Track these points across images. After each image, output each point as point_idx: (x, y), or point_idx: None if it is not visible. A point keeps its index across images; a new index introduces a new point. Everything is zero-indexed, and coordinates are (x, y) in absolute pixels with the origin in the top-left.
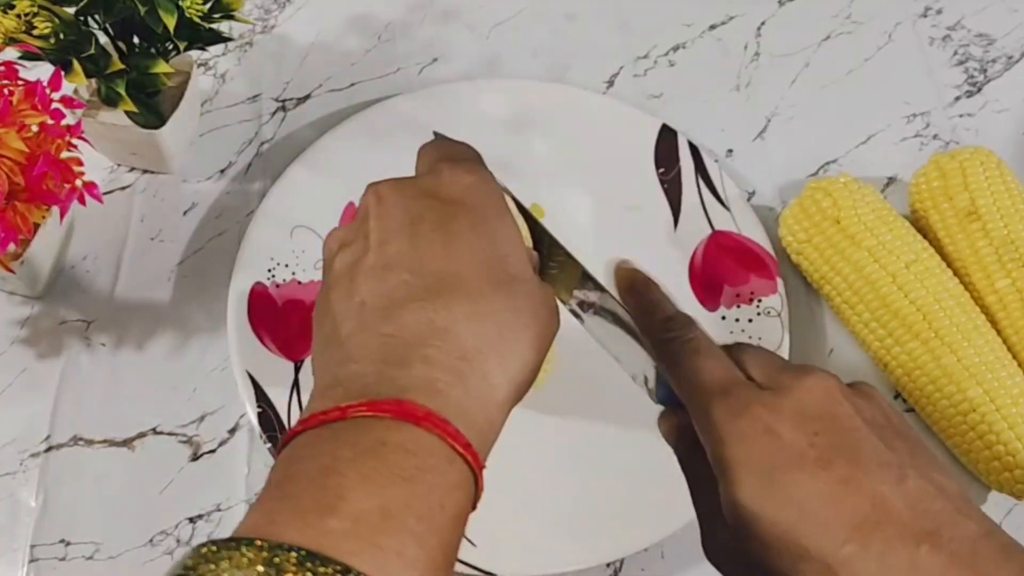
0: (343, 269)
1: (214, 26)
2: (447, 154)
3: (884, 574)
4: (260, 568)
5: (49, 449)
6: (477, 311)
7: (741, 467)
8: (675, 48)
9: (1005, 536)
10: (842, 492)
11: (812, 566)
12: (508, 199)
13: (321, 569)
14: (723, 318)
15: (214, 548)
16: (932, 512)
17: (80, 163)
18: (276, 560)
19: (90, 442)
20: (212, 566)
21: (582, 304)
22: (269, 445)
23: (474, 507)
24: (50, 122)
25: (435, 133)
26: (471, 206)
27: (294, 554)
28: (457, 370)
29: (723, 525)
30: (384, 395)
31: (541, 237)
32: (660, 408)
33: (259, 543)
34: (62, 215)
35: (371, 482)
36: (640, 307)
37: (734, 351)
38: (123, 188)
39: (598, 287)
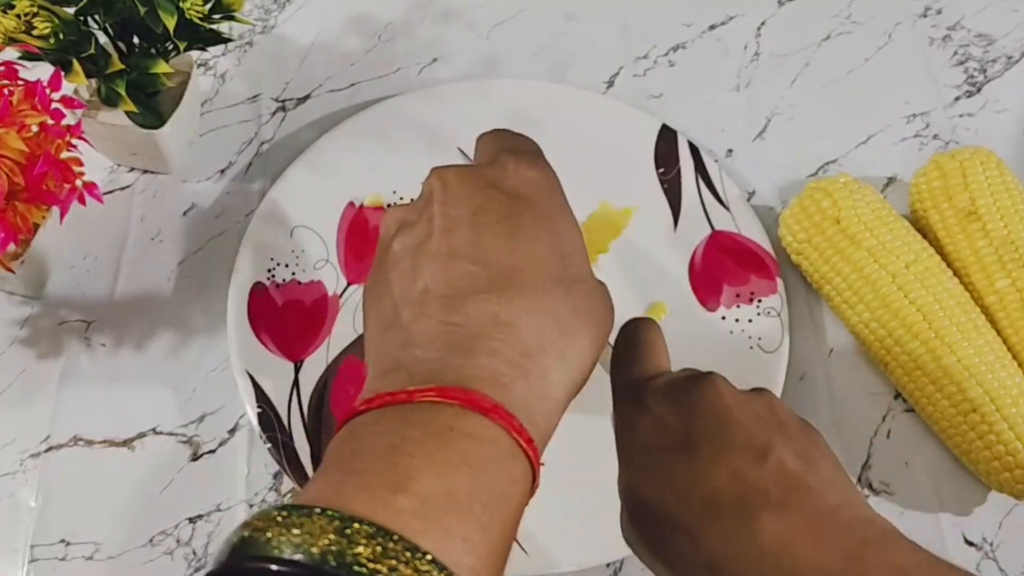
0: (404, 251)
1: (214, 26)
2: (509, 146)
3: (731, 539)
4: (332, 536)
5: (49, 449)
6: (539, 307)
7: (629, 449)
8: (675, 48)
9: (861, 511)
10: (705, 471)
11: (679, 535)
12: None
13: (391, 545)
14: (723, 318)
15: (285, 513)
16: (787, 486)
17: (80, 163)
18: (347, 531)
19: (90, 442)
20: (283, 530)
21: None
22: (269, 445)
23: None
24: (50, 122)
25: (460, 150)
26: (535, 201)
27: (366, 527)
28: (520, 366)
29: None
30: (451, 382)
31: None
32: None
33: (331, 512)
34: (62, 215)
35: (439, 465)
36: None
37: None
38: (123, 188)
39: None
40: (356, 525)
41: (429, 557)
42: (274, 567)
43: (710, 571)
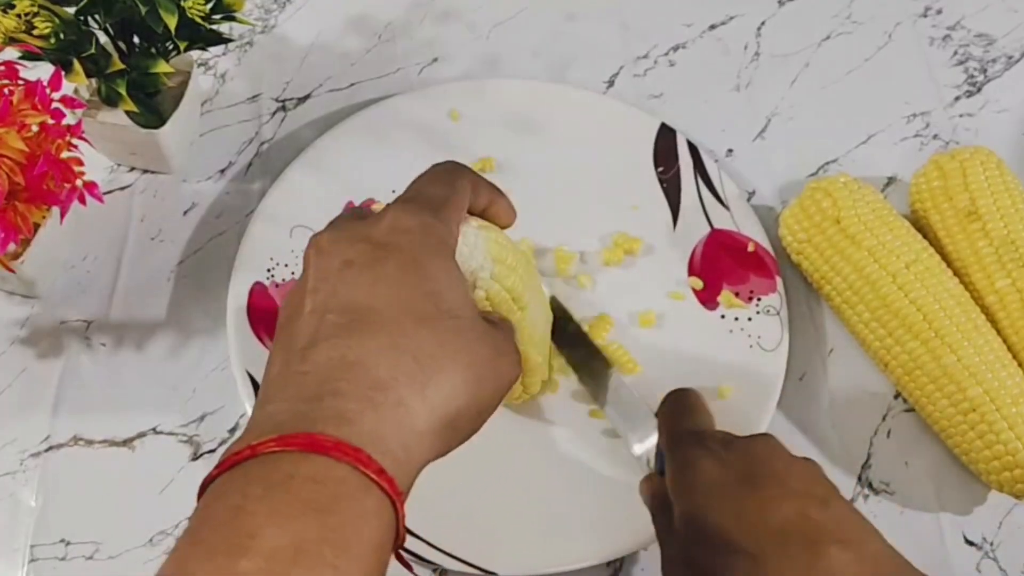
0: (283, 322)
1: (215, 27)
2: (407, 195)
3: (798, 565)
4: None
5: (49, 449)
6: (393, 344)
7: (695, 485)
8: (675, 48)
9: (913, 569)
10: (771, 505)
11: (743, 560)
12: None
13: None
14: (722, 317)
15: None
16: (848, 530)
17: (80, 163)
18: None
19: (90, 442)
20: None
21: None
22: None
23: (399, 539)
24: (50, 122)
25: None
26: (403, 248)
27: None
28: (368, 398)
29: (672, 559)
30: (293, 430)
31: (565, 325)
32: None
33: None
34: (62, 215)
35: (282, 516)
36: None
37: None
38: (123, 188)
39: (615, 373)
40: None
41: None
42: None
43: None
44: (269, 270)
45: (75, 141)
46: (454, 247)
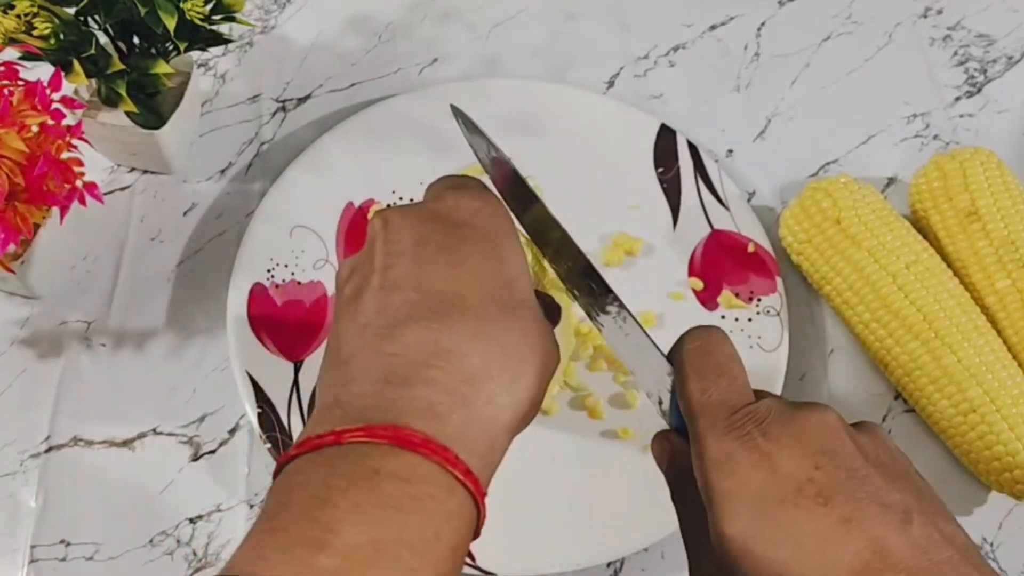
0: (350, 294)
1: (214, 27)
2: (452, 183)
3: None
4: None
5: (49, 449)
6: (483, 332)
7: (733, 497)
8: (675, 48)
9: (980, 559)
10: (842, 533)
11: None
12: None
13: None
14: (723, 317)
15: None
16: (937, 562)
17: (80, 163)
18: None
19: (90, 442)
20: None
21: (596, 307)
22: (269, 445)
23: (476, 535)
24: (50, 122)
25: (452, 107)
26: (478, 229)
27: None
28: (460, 393)
29: (709, 556)
30: (381, 420)
31: (546, 229)
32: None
33: None
34: (62, 215)
35: (363, 513)
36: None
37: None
38: (123, 188)
39: (616, 300)
40: None
41: None
42: None
43: None
44: (269, 270)
45: (75, 141)
46: (515, 229)
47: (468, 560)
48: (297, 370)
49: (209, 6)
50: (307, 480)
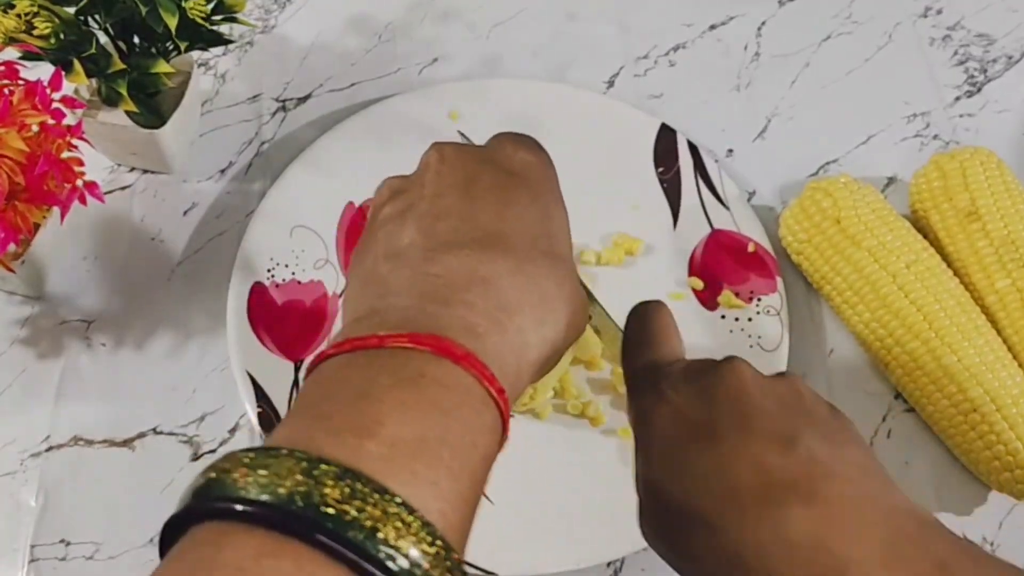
0: (393, 212)
1: (215, 27)
2: (512, 136)
3: (758, 532)
4: (300, 477)
5: (49, 449)
6: (521, 269)
7: (648, 445)
8: (675, 48)
9: (894, 499)
10: (729, 462)
11: (701, 529)
12: None
13: (359, 486)
14: (723, 317)
15: (252, 455)
16: (816, 476)
17: (80, 163)
18: (315, 472)
19: (90, 442)
20: (249, 471)
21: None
22: None
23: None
24: (50, 122)
25: (460, 134)
26: (529, 181)
27: (333, 468)
28: (496, 319)
29: (642, 523)
30: (423, 329)
31: None
32: None
33: (299, 453)
34: (62, 215)
35: (409, 410)
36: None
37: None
38: (123, 188)
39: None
40: (324, 466)
41: (399, 500)
42: (240, 507)
43: (735, 566)
44: (269, 270)
45: (75, 141)
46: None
47: (468, 560)
48: (297, 370)
49: (210, 6)
50: (350, 375)
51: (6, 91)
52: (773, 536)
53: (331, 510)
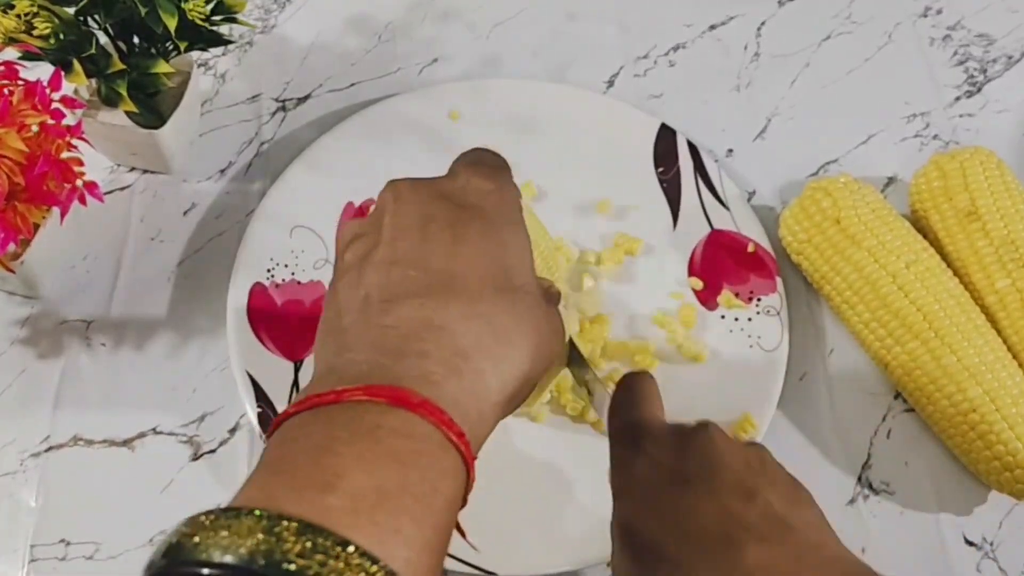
0: (353, 260)
1: (215, 28)
2: (473, 159)
3: (717, 569)
4: (260, 536)
5: (49, 449)
6: (474, 312)
7: (624, 489)
8: (675, 48)
9: (837, 551)
10: (695, 506)
11: (666, 566)
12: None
13: (320, 540)
14: (722, 317)
15: (212, 517)
16: (770, 523)
17: (80, 163)
18: (276, 530)
19: (90, 442)
20: (211, 534)
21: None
22: None
23: (464, 501)
24: (50, 122)
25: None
26: (484, 212)
27: (294, 524)
28: (452, 365)
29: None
30: (379, 381)
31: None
32: None
33: (258, 512)
34: (62, 215)
35: (367, 463)
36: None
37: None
38: (123, 188)
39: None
40: (285, 523)
41: (361, 550)
42: (204, 571)
43: None
44: (269, 270)
45: (75, 141)
46: (522, 215)
47: (468, 560)
48: (297, 370)
49: (210, 6)
50: (309, 433)
51: (6, 91)
52: (731, 572)
53: (293, 566)
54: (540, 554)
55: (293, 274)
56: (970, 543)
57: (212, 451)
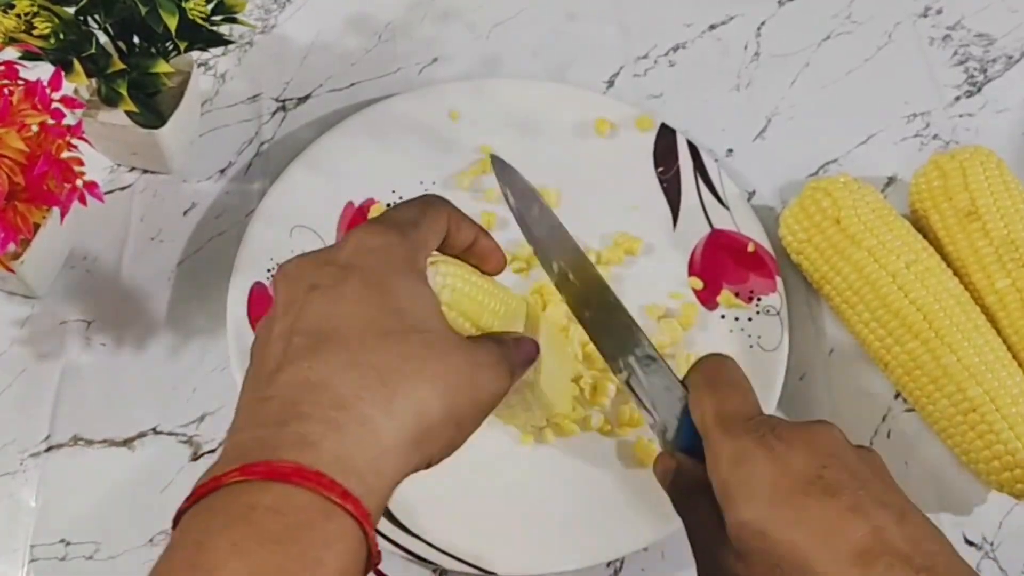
0: (254, 349)
1: (215, 28)
2: (363, 225)
3: None
4: None
5: (49, 449)
6: (355, 361)
7: (750, 488)
8: (675, 48)
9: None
10: (847, 520)
11: None
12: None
13: None
14: (722, 317)
15: None
16: (930, 552)
17: (80, 163)
18: None
19: (90, 442)
20: None
21: (625, 351)
22: None
23: (372, 559)
24: (50, 122)
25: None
26: (366, 267)
27: None
28: (331, 419)
29: (715, 559)
30: (255, 458)
31: (593, 291)
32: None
33: None
34: (62, 215)
35: (242, 550)
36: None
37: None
38: (123, 188)
39: (649, 343)
40: None
41: None
42: None
43: None
44: (269, 270)
45: (75, 141)
46: (422, 267)
47: (468, 560)
48: None
49: (210, 6)
50: (189, 527)
51: (6, 91)
52: None
53: None
54: (540, 554)
55: None
56: (970, 543)
57: (212, 451)
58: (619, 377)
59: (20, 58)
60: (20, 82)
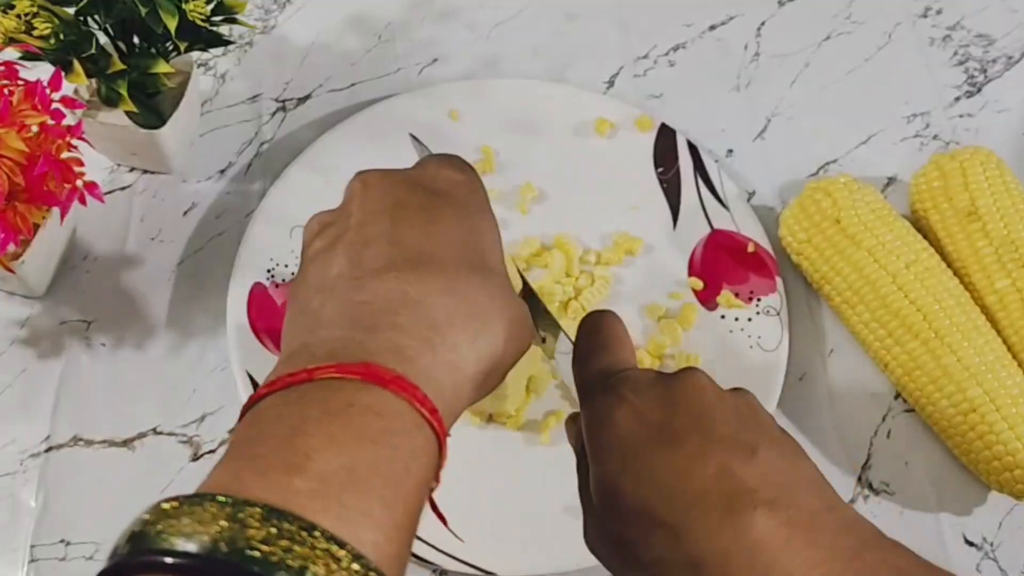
0: (322, 247)
1: (215, 28)
2: (437, 156)
3: (720, 534)
4: (223, 523)
5: (49, 449)
6: (451, 287)
7: (606, 445)
8: (675, 48)
9: (851, 512)
10: (691, 465)
11: (661, 532)
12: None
13: (286, 525)
14: (722, 317)
15: (176, 503)
16: (776, 484)
17: (80, 163)
18: (240, 515)
19: (90, 442)
20: (173, 521)
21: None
22: None
23: (437, 479)
24: (50, 122)
25: (412, 135)
26: (455, 198)
27: (258, 509)
28: (426, 338)
29: (595, 523)
30: (352, 359)
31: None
32: None
33: (222, 498)
34: (62, 215)
35: (338, 443)
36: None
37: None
38: (123, 188)
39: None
40: (249, 508)
41: (327, 535)
42: (167, 559)
43: (696, 570)
44: (269, 270)
45: (75, 141)
46: (490, 207)
47: (468, 560)
48: None
49: (210, 7)
50: (281, 414)
51: (6, 91)
52: (735, 540)
53: (257, 553)
54: (540, 554)
55: (293, 274)
56: (970, 543)
57: (212, 451)
58: (545, 352)
59: (20, 58)
60: (20, 82)
